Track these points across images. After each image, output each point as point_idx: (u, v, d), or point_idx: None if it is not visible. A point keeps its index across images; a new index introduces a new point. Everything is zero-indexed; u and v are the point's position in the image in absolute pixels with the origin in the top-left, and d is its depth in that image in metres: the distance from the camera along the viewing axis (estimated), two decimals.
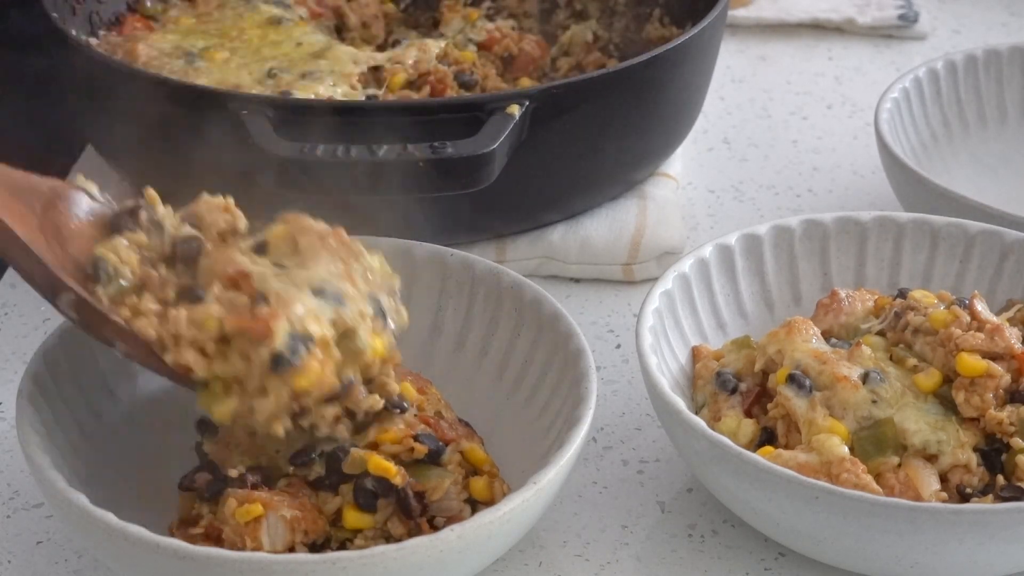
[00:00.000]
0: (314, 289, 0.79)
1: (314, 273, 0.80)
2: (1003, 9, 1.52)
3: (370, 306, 0.81)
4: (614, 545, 0.86)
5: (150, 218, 0.82)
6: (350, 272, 0.82)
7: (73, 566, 0.84)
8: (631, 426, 0.95)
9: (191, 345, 0.78)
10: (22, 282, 1.07)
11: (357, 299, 0.81)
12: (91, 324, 0.79)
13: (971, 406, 0.82)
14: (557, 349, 0.87)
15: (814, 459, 0.81)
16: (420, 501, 0.80)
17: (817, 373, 0.84)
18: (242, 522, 0.77)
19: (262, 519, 0.77)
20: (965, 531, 0.76)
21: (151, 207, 0.83)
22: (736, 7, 1.45)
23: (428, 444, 0.81)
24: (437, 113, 0.99)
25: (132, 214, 0.82)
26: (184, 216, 0.84)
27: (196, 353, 0.78)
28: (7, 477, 0.90)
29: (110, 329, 0.78)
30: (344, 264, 0.82)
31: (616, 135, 1.06)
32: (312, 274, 0.80)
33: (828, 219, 0.97)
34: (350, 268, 0.82)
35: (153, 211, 0.83)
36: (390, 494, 0.79)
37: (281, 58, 1.10)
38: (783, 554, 0.85)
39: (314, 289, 0.79)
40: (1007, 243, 0.95)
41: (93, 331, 0.79)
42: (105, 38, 1.16)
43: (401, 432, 0.81)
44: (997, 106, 1.21)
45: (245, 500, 0.78)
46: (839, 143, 1.27)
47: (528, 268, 1.08)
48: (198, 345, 0.78)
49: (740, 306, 0.96)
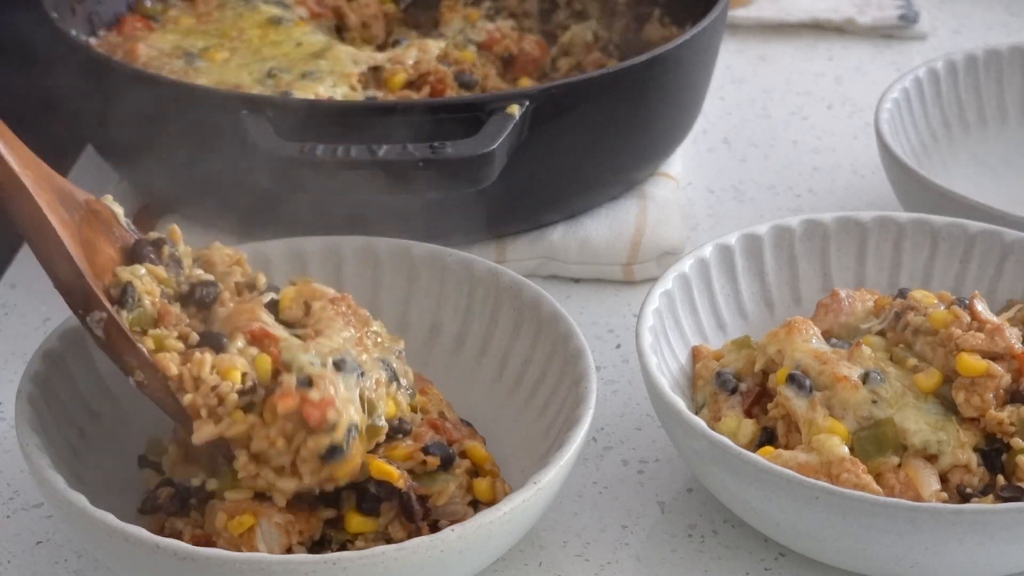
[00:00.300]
0: (336, 361, 0.79)
1: (335, 343, 0.80)
2: (1003, 9, 1.52)
3: (383, 371, 0.81)
4: (614, 545, 0.86)
5: (171, 254, 0.82)
6: (363, 338, 0.82)
7: (73, 566, 0.84)
8: (631, 426, 0.95)
9: (209, 403, 0.77)
10: (22, 282, 1.08)
11: (372, 367, 0.81)
12: (115, 347, 0.78)
13: (971, 406, 0.82)
14: (556, 349, 0.87)
15: (814, 459, 0.81)
16: (423, 505, 0.80)
17: (817, 373, 0.84)
18: (236, 534, 0.77)
19: (255, 528, 0.77)
20: (965, 531, 0.76)
21: (174, 244, 0.83)
22: (736, 7, 1.45)
23: (439, 453, 0.81)
24: (437, 113, 0.99)
25: (156, 246, 0.82)
26: (195, 258, 0.84)
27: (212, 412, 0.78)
28: (7, 477, 0.90)
29: (133, 356, 0.78)
30: (356, 330, 0.82)
31: (616, 135, 1.06)
32: (334, 344, 0.80)
33: (828, 219, 0.97)
34: (362, 334, 0.82)
35: (175, 248, 0.83)
36: (393, 497, 0.79)
37: (281, 58, 1.10)
38: (783, 554, 0.85)
39: (336, 361, 0.79)
40: (1007, 243, 0.95)
41: (115, 354, 0.79)
42: (105, 38, 1.16)
43: (410, 448, 0.81)
44: (997, 106, 1.21)
45: (234, 512, 0.78)
46: (839, 143, 1.27)
47: (528, 268, 1.08)
48: (218, 398, 0.77)
49: (740, 306, 0.96)
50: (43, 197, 0.77)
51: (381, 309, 0.94)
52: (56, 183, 0.80)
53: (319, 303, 0.83)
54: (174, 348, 0.79)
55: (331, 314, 0.83)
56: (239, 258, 0.85)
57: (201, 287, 0.82)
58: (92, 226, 0.80)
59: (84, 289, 0.77)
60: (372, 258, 0.94)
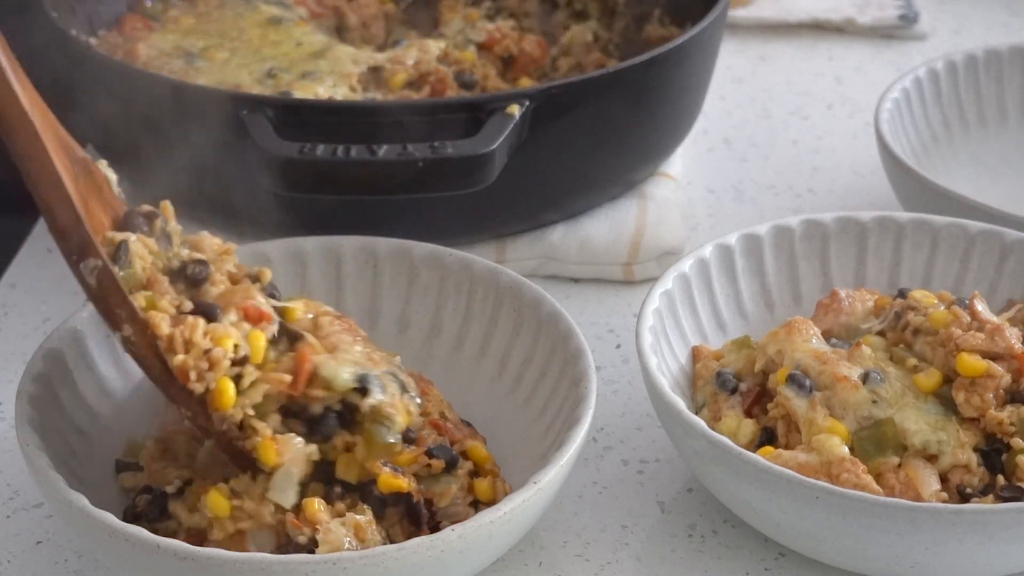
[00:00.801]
0: (359, 376, 0.79)
1: (354, 356, 0.80)
2: (1003, 9, 1.52)
3: (395, 383, 0.81)
4: (614, 545, 0.86)
5: (163, 229, 0.82)
6: (371, 355, 0.82)
7: (73, 566, 0.84)
8: (631, 426, 0.95)
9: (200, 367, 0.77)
10: (22, 282, 1.08)
11: (387, 381, 0.81)
12: (106, 297, 0.77)
13: (971, 406, 0.82)
14: (556, 349, 0.87)
15: (814, 459, 0.81)
16: (429, 509, 0.80)
17: (817, 373, 0.84)
18: (226, 537, 0.78)
19: (245, 532, 0.78)
20: (965, 531, 0.76)
21: (165, 219, 0.83)
22: (736, 7, 1.45)
23: (443, 456, 0.81)
24: (437, 113, 0.98)
25: (148, 218, 0.82)
26: (183, 242, 0.84)
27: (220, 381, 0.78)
28: (7, 477, 0.90)
29: (124, 309, 0.77)
30: (363, 345, 0.83)
31: (616, 135, 1.06)
32: (354, 358, 0.80)
33: (828, 219, 0.97)
34: (369, 351, 0.82)
35: (166, 224, 0.83)
36: (399, 502, 0.79)
37: (281, 58, 1.10)
38: (783, 554, 0.85)
39: (359, 376, 0.79)
40: (1007, 243, 0.95)
41: (104, 305, 0.77)
42: (105, 38, 1.16)
43: (414, 452, 0.81)
44: (997, 106, 1.21)
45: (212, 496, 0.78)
46: (839, 143, 1.27)
47: (528, 268, 1.08)
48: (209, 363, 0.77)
49: (740, 306, 0.96)
50: (49, 138, 0.76)
51: (381, 309, 0.94)
52: (60, 131, 0.79)
53: (327, 318, 0.83)
54: (166, 310, 0.78)
55: (339, 329, 0.83)
56: (228, 248, 0.84)
57: (193, 264, 0.81)
58: (87, 185, 0.80)
59: (81, 234, 0.76)
60: (372, 258, 0.94)
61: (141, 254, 0.79)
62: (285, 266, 0.94)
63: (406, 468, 0.80)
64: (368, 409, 0.79)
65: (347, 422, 0.80)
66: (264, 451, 0.77)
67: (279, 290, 0.85)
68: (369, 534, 0.77)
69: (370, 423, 0.79)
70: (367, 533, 0.77)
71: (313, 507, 0.77)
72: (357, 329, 0.84)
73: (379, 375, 0.80)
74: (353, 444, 0.79)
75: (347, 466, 0.79)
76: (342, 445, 0.79)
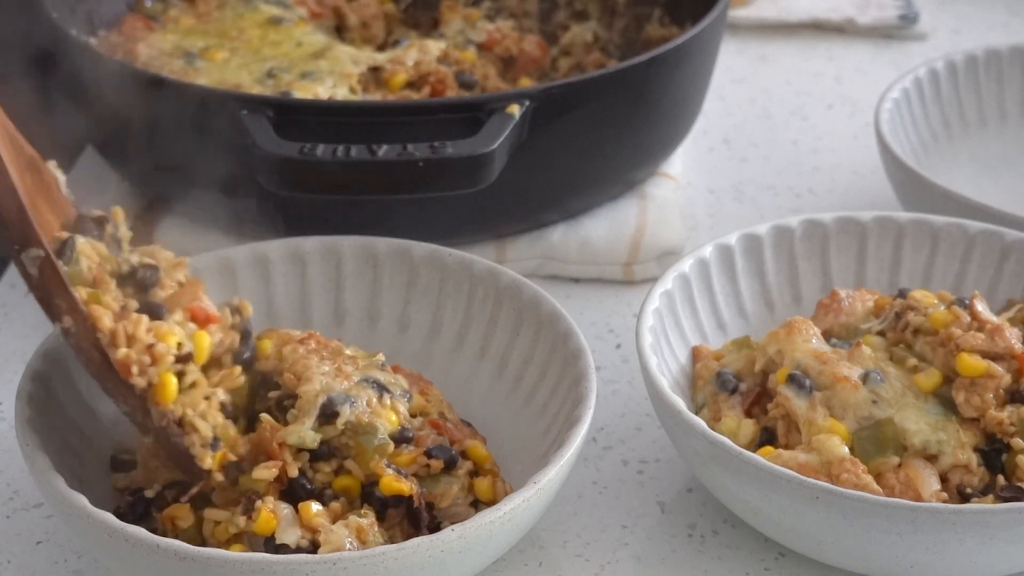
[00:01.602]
0: (323, 404, 0.79)
1: (316, 386, 0.81)
2: (1003, 9, 1.52)
3: (371, 389, 0.81)
4: (614, 545, 0.86)
5: (112, 235, 0.82)
6: (341, 367, 0.82)
7: (73, 566, 0.84)
8: (631, 426, 0.95)
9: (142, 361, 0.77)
10: (22, 282, 1.07)
11: (360, 390, 0.81)
12: (47, 287, 0.76)
13: (971, 406, 0.82)
14: (556, 349, 0.87)
15: (814, 459, 0.81)
16: (429, 511, 0.80)
17: (817, 373, 0.84)
18: (222, 540, 0.78)
19: (242, 535, 0.78)
20: (965, 531, 0.76)
21: (116, 225, 0.82)
22: (736, 7, 1.45)
23: (442, 456, 0.81)
24: (437, 113, 0.99)
25: (98, 223, 0.81)
26: (134, 251, 0.83)
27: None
28: (7, 477, 0.90)
29: (65, 300, 0.76)
30: (331, 361, 0.83)
31: (616, 135, 1.06)
32: (316, 388, 0.80)
33: (828, 219, 0.97)
34: (339, 363, 0.82)
35: (117, 229, 0.82)
36: (400, 504, 0.79)
37: (281, 58, 1.10)
38: (783, 554, 0.85)
39: (323, 404, 0.79)
40: (1007, 243, 0.95)
41: (45, 295, 0.76)
42: (105, 38, 1.16)
43: (414, 453, 0.81)
44: (997, 106, 1.21)
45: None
46: (839, 143, 1.27)
47: (528, 268, 1.08)
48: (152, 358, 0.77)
49: (740, 306, 0.96)
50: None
51: (381, 309, 0.94)
52: (8, 125, 0.78)
53: (288, 347, 0.84)
54: (109, 306, 0.77)
55: (302, 354, 0.83)
56: (180, 261, 0.84)
57: (143, 269, 0.80)
58: (35, 182, 0.79)
59: (24, 223, 0.75)
60: (372, 258, 0.94)
61: (88, 254, 0.79)
62: (285, 266, 0.94)
63: (406, 468, 0.80)
64: (344, 428, 0.79)
65: (333, 448, 0.80)
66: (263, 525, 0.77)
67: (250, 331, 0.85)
68: (371, 536, 0.77)
69: (355, 437, 0.79)
70: (369, 535, 0.77)
71: (309, 512, 0.77)
72: (327, 343, 0.85)
73: (349, 388, 0.81)
74: (340, 465, 0.80)
75: (346, 484, 0.80)
76: (333, 470, 0.80)
